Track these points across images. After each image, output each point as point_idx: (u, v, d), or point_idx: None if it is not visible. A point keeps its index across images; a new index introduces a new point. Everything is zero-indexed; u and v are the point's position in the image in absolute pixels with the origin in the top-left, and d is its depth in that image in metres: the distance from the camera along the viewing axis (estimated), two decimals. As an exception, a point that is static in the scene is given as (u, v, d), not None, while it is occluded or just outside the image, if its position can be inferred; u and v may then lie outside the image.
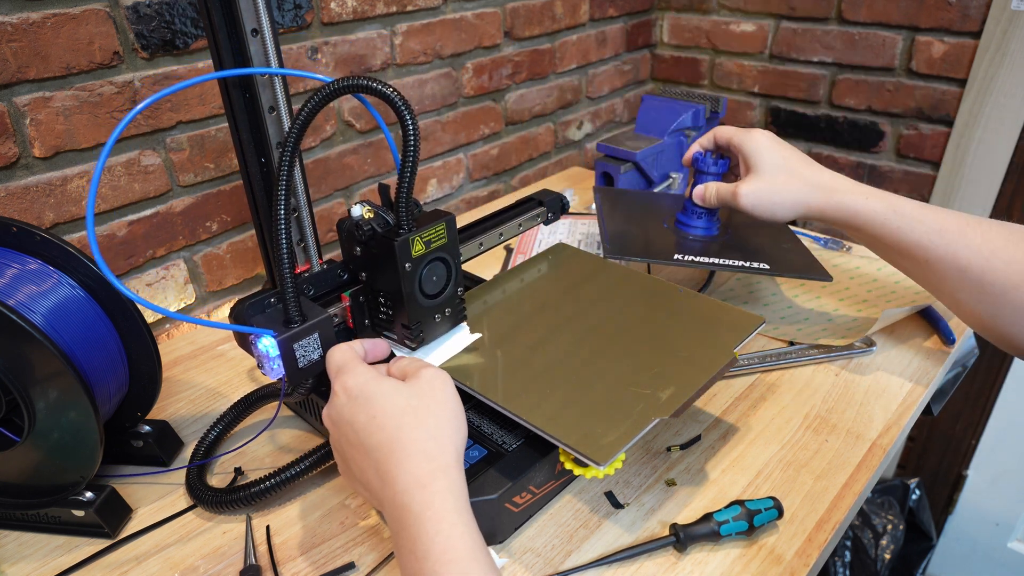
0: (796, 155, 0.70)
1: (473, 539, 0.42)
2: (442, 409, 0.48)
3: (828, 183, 0.67)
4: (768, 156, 0.69)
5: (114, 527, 0.57)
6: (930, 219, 0.61)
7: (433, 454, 0.45)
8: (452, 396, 0.49)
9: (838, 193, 0.65)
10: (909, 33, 1.16)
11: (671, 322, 0.63)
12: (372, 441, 0.46)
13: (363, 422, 0.47)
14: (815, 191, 0.66)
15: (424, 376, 0.49)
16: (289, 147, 0.52)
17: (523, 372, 0.58)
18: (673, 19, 1.44)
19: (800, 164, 0.69)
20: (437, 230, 0.55)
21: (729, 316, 0.62)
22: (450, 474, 0.45)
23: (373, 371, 0.50)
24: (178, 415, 0.71)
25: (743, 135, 0.71)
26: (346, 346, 0.53)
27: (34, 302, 0.53)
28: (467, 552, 0.41)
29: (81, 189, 0.74)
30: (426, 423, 0.46)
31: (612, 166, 1.00)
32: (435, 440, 0.46)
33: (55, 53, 0.68)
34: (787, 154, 0.69)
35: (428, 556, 0.41)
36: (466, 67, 1.11)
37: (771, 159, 0.69)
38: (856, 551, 1.41)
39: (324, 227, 0.99)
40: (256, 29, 0.53)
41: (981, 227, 0.59)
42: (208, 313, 0.90)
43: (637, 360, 0.58)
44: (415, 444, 0.45)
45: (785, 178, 0.68)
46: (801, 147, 1.35)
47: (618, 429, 0.50)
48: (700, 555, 0.53)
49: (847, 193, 0.65)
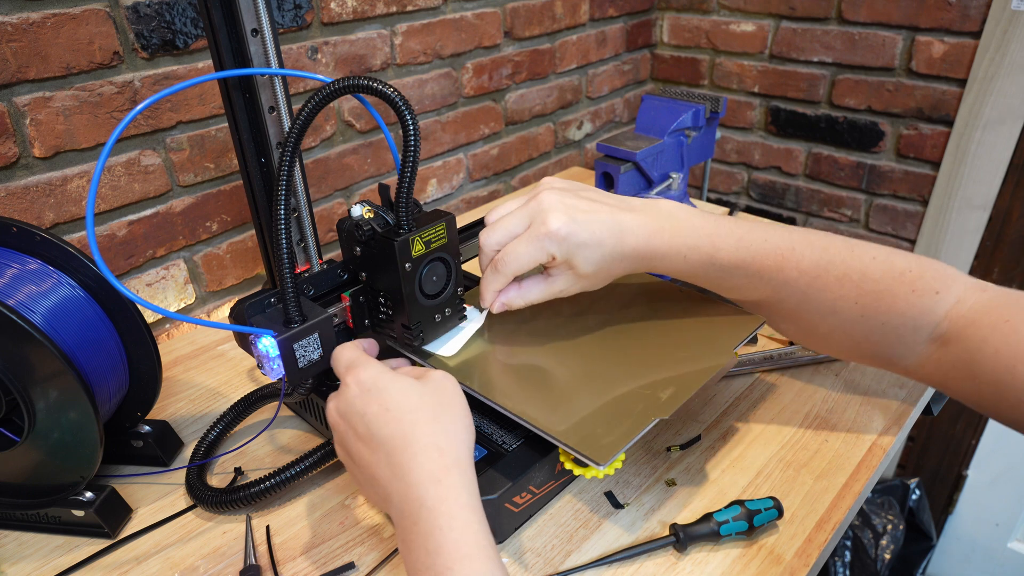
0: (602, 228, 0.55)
1: (486, 536, 0.42)
2: (453, 409, 0.48)
3: (643, 251, 0.56)
4: (584, 254, 0.55)
5: (114, 527, 0.57)
6: (748, 265, 0.56)
7: (446, 449, 0.45)
8: (461, 399, 0.50)
9: (655, 260, 0.57)
10: (909, 33, 1.16)
11: (671, 322, 0.62)
12: (385, 432, 0.46)
13: (376, 412, 0.47)
14: (637, 264, 0.58)
15: (435, 377, 0.50)
16: (289, 147, 0.52)
17: (523, 372, 0.57)
18: (673, 19, 1.44)
19: (609, 238, 0.55)
20: (437, 230, 0.55)
21: (729, 316, 0.62)
22: (463, 470, 0.45)
23: (386, 366, 0.50)
24: (178, 415, 0.71)
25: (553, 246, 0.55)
26: (352, 344, 0.53)
27: (34, 302, 0.53)
28: (479, 549, 0.41)
29: (81, 189, 0.74)
30: (439, 419, 0.47)
31: (612, 166, 1.00)
32: (448, 436, 0.46)
33: (55, 53, 0.68)
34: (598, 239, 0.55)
35: (440, 551, 0.41)
36: (466, 67, 1.11)
37: (586, 256, 0.56)
38: (856, 551, 1.41)
39: (324, 227, 0.99)
40: (256, 29, 0.53)
41: (795, 257, 0.56)
42: (208, 313, 0.90)
43: (637, 360, 0.58)
44: (429, 438, 0.45)
45: (606, 272, 0.58)
46: (801, 147, 1.35)
47: (618, 429, 0.50)
48: (700, 555, 0.53)
49: (664, 259, 0.57)
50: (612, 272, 0.57)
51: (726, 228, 0.57)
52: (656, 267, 0.58)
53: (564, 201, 0.55)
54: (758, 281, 0.57)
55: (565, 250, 0.54)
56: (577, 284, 0.58)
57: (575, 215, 0.54)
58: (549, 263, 0.56)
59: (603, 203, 0.57)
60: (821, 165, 1.35)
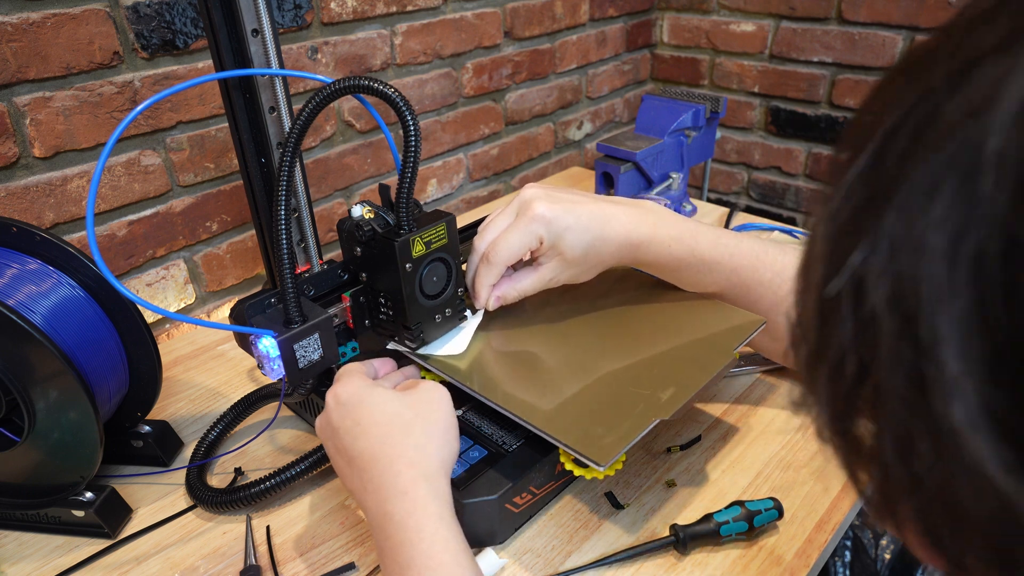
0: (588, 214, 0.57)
1: (456, 546, 0.42)
2: (433, 421, 0.48)
3: (629, 238, 0.58)
4: (570, 238, 0.57)
5: (114, 527, 0.57)
6: (726, 262, 0.61)
7: (416, 461, 0.45)
8: (446, 411, 0.49)
9: (640, 249, 0.59)
10: (909, 33, 1.15)
11: (671, 322, 0.62)
12: (356, 448, 0.46)
13: (348, 428, 0.47)
14: (623, 251, 0.59)
15: (421, 388, 0.50)
16: (290, 148, 0.51)
17: (523, 372, 0.57)
18: (673, 19, 1.44)
19: (597, 225, 0.57)
20: (437, 230, 0.55)
21: (729, 316, 0.62)
22: (433, 482, 0.45)
23: (368, 381, 0.51)
24: (178, 415, 0.71)
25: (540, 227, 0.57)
26: (355, 363, 0.54)
27: (34, 302, 0.53)
28: (450, 558, 0.41)
29: (81, 189, 0.74)
30: (412, 432, 0.46)
31: (612, 166, 1.00)
32: (419, 450, 0.46)
33: (55, 53, 0.68)
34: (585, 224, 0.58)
35: (411, 564, 0.41)
36: (466, 67, 1.11)
37: (573, 240, 0.57)
38: (856, 551, 1.41)
39: (324, 227, 0.99)
40: (256, 29, 0.53)
41: (768, 259, 0.61)
42: (208, 313, 0.90)
43: (637, 360, 0.58)
44: (398, 451, 0.45)
45: (594, 258, 0.59)
46: (801, 147, 1.35)
47: (618, 430, 0.50)
48: (700, 556, 0.53)
49: (648, 247, 0.59)
50: (600, 259, 0.59)
51: (703, 228, 0.61)
52: (640, 257, 0.60)
53: (548, 192, 0.58)
54: (735, 278, 0.61)
55: (552, 232, 0.56)
56: (566, 271, 0.59)
57: (560, 203, 0.57)
58: (537, 250, 0.58)
59: (586, 196, 0.60)
60: (821, 165, 1.35)
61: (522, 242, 0.56)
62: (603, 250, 0.58)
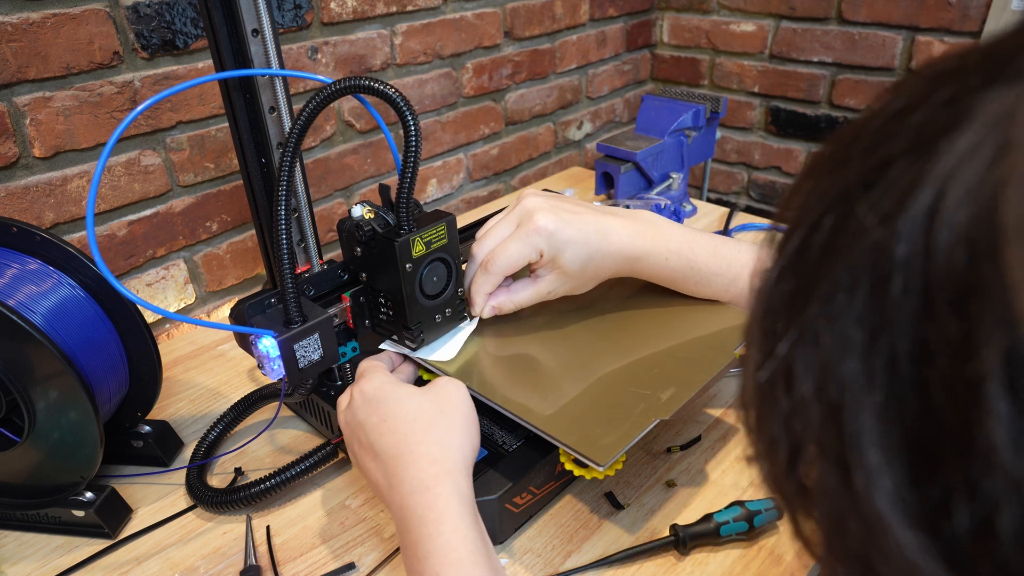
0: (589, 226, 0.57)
1: (476, 543, 0.42)
2: (454, 417, 0.49)
3: (628, 251, 0.58)
4: (570, 252, 0.57)
5: (114, 527, 0.57)
6: (725, 272, 0.61)
7: (438, 458, 0.46)
8: (467, 406, 0.50)
9: (639, 262, 0.59)
10: (909, 33, 1.16)
11: (671, 323, 0.62)
12: (381, 443, 0.47)
13: (374, 424, 0.48)
14: (621, 264, 0.59)
15: (440, 384, 0.51)
16: (290, 148, 0.51)
17: (523, 372, 0.57)
18: (673, 19, 1.44)
19: (595, 238, 0.57)
20: (438, 230, 0.55)
21: (730, 316, 0.62)
22: (455, 478, 0.45)
23: (392, 377, 0.52)
24: (178, 415, 0.71)
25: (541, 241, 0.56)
26: (374, 357, 0.55)
27: (34, 302, 0.53)
28: (469, 555, 0.42)
29: (81, 189, 0.74)
30: (436, 429, 0.47)
31: (612, 166, 1.00)
32: (442, 445, 0.46)
33: (55, 53, 0.68)
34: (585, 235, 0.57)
35: (429, 558, 0.42)
36: (466, 67, 1.11)
37: (572, 254, 0.57)
38: (856, 551, 1.41)
39: (324, 227, 0.99)
40: (256, 29, 0.53)
41: None
42: (208, 313, 0.90)
43: (637, 360, 0.58)
44: (421, 448, 0.46)
45: (592, 272, 0.59)
46: (801, 147, 1.35)
47: (618, 430, 0.50)
48: (700, 556, 0.53)
49: (647, 260, 0.59)
50: (597, 273, 0.59)
51: (702, 238, 0.61)
52: (639, 269, 0.60)
53: (550, 203, 0.57)
54: (734, 288, 0.61)
55: (552, 246, 0.56)
56: (564, 285, 0.59)
57: (561, 214, 0.56)
58: (536, 263, 0.57)
59: (587, 208, 0.59)
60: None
61: (522, 254, 0.56)
62: (602, 264, 0.58)
